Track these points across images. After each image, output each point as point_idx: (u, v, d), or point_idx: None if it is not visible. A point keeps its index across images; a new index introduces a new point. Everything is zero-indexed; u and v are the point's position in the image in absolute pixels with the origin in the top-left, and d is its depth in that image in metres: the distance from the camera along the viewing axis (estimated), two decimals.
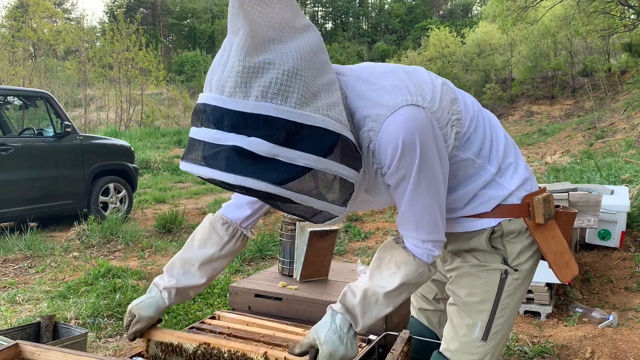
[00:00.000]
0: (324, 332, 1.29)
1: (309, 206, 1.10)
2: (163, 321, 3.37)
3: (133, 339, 1.56)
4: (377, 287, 1.28)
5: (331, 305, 1.35)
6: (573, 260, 1.45)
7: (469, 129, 1.32)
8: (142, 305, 1.54)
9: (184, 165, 1.05)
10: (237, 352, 1.47)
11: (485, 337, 1.37)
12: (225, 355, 1.48)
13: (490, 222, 1.37)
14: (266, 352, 1.44)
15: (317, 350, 1.29)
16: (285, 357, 1.39)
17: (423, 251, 1.27)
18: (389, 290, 1.26)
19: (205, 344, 1.51)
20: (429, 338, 1.64)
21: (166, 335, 1.58)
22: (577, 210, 1.55)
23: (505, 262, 1.38)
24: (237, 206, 1.55)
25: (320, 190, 1.11)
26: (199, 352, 1.51)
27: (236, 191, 1.06)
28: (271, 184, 0.98)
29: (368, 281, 1.30)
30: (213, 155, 0.99)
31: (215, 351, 1.50)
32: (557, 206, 1.47)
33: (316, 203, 1.09)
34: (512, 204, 1.36)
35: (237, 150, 0.97)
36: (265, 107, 0.96)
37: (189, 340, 1.53)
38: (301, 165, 0.99)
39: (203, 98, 1.04)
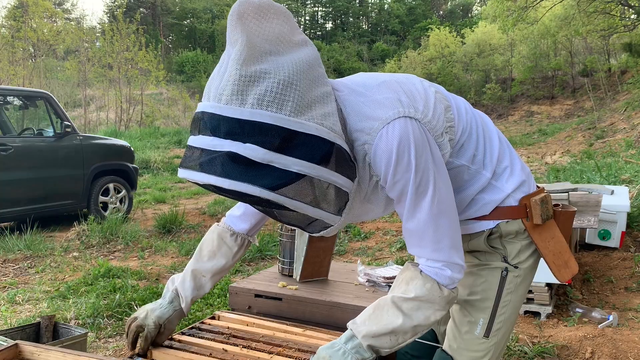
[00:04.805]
0: (322, 347, 1.29)
1: (304, 214, 1.12)
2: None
3: (144, 355, 1.55)
4: (388, 296, 1.26)
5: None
6: (573, 259, 1.46)
7: (462, 136, 1.33)
8: (155, 316, 1.54)
9: (182, 172, 1.08)
10: None
11: (487, 334, 1.38)
12: None
13: (489, 224, 1.39)
14: None
15: None
16: None
17: (431, 268, 1.24)
18: (400, 296, 1.23)
19: None
20: (429, 337, 1.64)
21: (170, 358, 1.57)
22: (576, 209, 1.55)
23: (505, 260, 1.39)
24: (242, 219, 1.60)
25: (314, 198, 1.13)
26: None
27: (230, 197, 1.08)
28: (265, 189, 1.00)
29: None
30: (209, 161, 1.02)
31: None
32: (556, 205, 1.48)
33: (310, 210, 1.11)
34: (509, 206, 1.38)
35: (233, 156, 1.00)
36: (261, 115, 0.99)
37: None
38: (295, 172, 1.02)
39: (201, 106, 1.07)
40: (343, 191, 1.15)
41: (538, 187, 1.46)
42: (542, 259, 1.44)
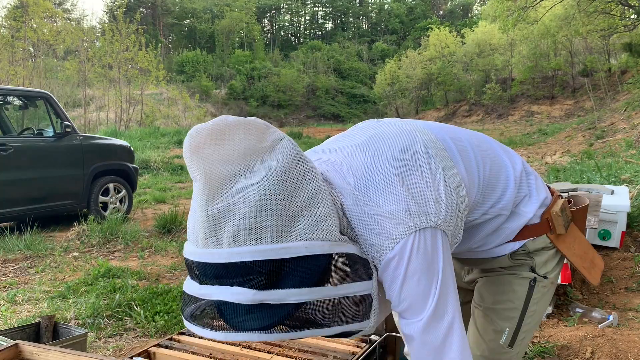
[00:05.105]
0: None
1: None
2: (163, 322, 3.37)
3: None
4: None
5: None
6: (597, 256, 1.44)
7: (476, 197, 1.24)
8: None
9: (191, 327, 1.00)
10: None
11: (511, 343, 1.36)
12: None
13: (514, 246, 1.34)
14: None
15: None
16: None
17: None
18: None
19: None
20: None
21: (170, 358, 1.56)
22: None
23: (533, 270, 1.36)
24: None
25: (331, 316, 1.01)
26: None
27: None
28: (264, 332, 0.92)
29: None
30: (201, 314, 0.96)
31: None
32: (569, 201, 1.44)
33: (330, 331, 1.01)
34: (532, 224, 1.33)
35: (222, 304, 0.92)
36: (240, 253, 0.90)
37: None
38: (294, 303, 0.92)
39: (185, 251, 1.00)
40: (363, 296, 1.04)
41: (551, 190, 1.41)
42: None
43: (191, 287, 0.97)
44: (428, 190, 1.11)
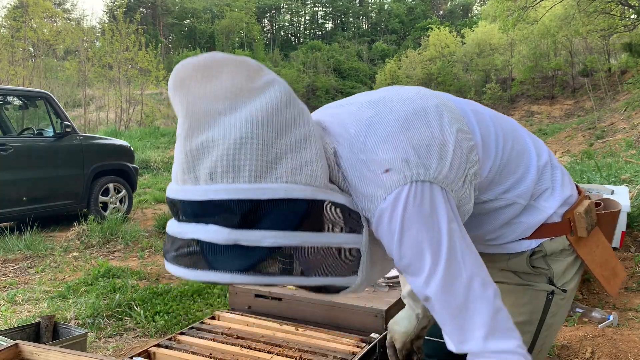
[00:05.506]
0: None
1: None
2: (163, 322, 3.37)
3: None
4: None
5: None
6: (619, 265, 1.33)
7: (491, 172, 1.15)
8: (395, 321, 1.51)
9: (167, 266, 0.98)
10: None
11: None
12: None
13: (530, 244, 1.24)
14: None
15: None
16: None
17: None
18: None
19: None
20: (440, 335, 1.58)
21: (170, 358, 1.57)
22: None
23: (551, 281, 1.26)
24: None
25: (311, 266, 0.97)
26: None
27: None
28: (238, 273, 0.88)
29: None
30: (178, 254, 0.94)
31: None
32: (597, 204, 1.33)
33: (306, 281, 0.98)
34: (552, 223, 1.23)
35: (196, 243, 0.90)
36: (215, 191, 0.87)
37: None
38: (267, 247, 0.88)
39: (167, 190, 0.98)
40: (346, 249, 0.99)
41: (578, 189, 1.31)
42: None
43: (171, 226, 0.95)
44: (433, 144, 1.04)
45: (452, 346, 1.04)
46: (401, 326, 1.49)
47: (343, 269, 0.99)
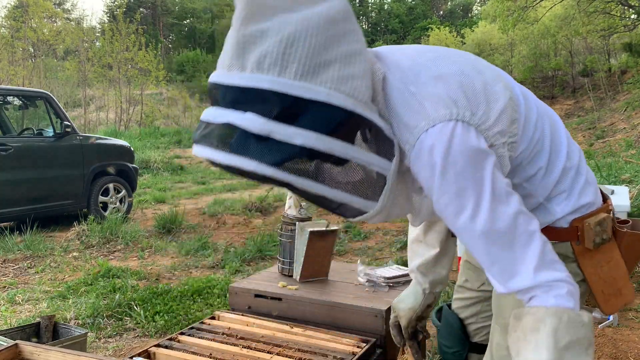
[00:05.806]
0: None
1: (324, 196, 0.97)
2: (163, 322, 3.37)
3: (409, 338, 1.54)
4: None
5: None
6: (629, 287, 1.26)
7: (523, 154, 1.15)
8: (400, 299, 1.53)
9: (193, 148, 0.97)
10: None
11: None
12: None
13: None
14: None
15: None
16: None
17: (540, 294, 1.00)
18: None
19: None
20: (456, 326, 1.56)
21: (170, 358, 1.56)
22: None
23: None
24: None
25: (332, 177, 0.98)
26: None
27: (232, 173, 0.95)
28: (264, 164, 0.88)
29: None
30: (208, 134, 0.93)
31: None
32: (625, 222, 1.28)
33: (327, 191, 0.95)
34: (558, 227, 1.21)
35: (231, 127, 0.89)
36: (259, 80, 0.87)
37: None
38: (299, 145, 0.87)
39: (210, 76, 0.97)
40: (373, 171, 0.98)
41: (605, 202, 1.27)
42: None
43: (207, 111, 0.95)
44: (483, 95, 1.05)
45: (499, 287, 1.03)
46: (406, 303, 1.50)
47: (366, 190, 1.00)
